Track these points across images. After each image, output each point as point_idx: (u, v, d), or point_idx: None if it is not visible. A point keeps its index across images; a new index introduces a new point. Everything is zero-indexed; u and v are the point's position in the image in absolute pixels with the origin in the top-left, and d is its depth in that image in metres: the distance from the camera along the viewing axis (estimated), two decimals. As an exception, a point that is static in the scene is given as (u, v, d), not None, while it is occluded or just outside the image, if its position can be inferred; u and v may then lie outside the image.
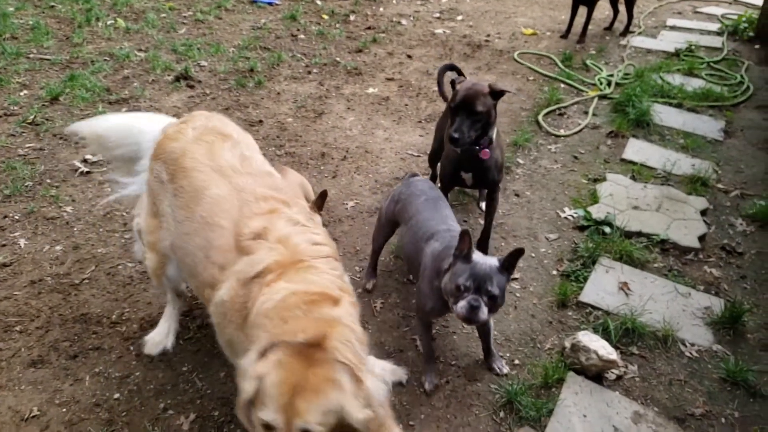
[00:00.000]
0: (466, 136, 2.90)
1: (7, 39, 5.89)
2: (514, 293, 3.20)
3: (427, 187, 2.93)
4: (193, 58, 5.80)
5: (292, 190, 2.46)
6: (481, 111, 2.89)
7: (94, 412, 2.40)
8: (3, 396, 2.45)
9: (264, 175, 2.13)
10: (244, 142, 2.28)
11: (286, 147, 4.46)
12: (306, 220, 1.99)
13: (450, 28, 7.21)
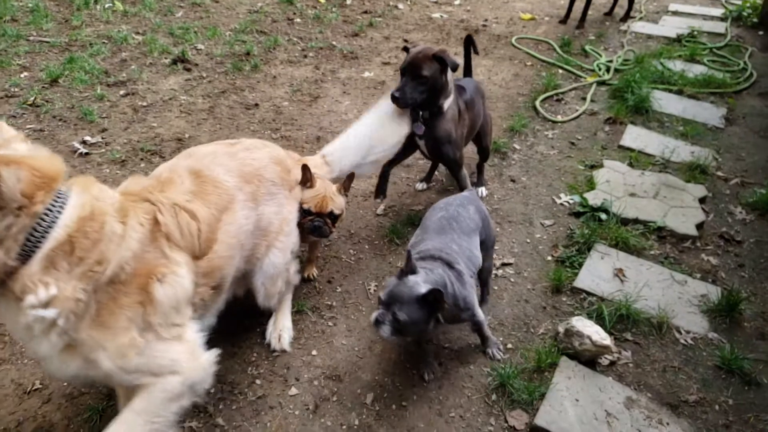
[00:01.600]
0: (407, 96, 2.96)
1: (7, 21, 5.86)
2: (508, 278, 3.21)
3: (456, 203, 2.73)
4: (190, 41, 5.76)
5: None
6: (426, 75, 2.94)
7: (94, 387, 2.42)
8: (6, 369, 2.47)
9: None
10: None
11: (282, 130, 4.45)
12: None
13: (447, 13, 7.16)
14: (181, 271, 1.87)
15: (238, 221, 2.20)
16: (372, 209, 3.66)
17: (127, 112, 4.50)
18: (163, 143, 4.12)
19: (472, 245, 2.61)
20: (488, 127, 3.73)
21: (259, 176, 2.38)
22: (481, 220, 2.73)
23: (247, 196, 2.28)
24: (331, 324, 2.84)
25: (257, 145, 2.54)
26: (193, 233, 1.93)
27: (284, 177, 2.56)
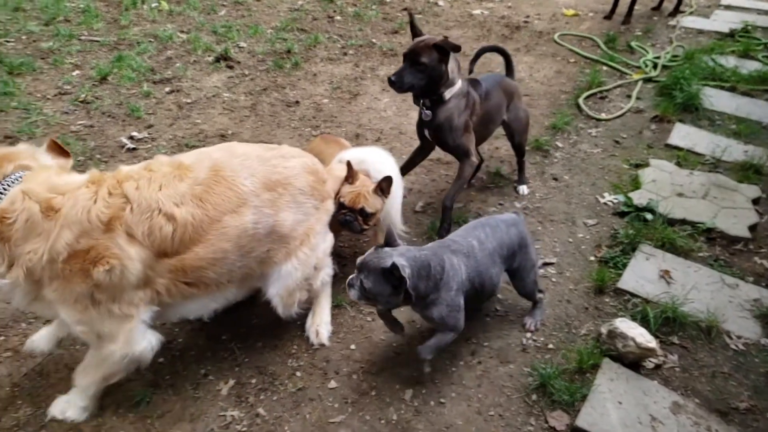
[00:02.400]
0: (404, 81, 3.05)
1: (60, 22, 6.08)
2: (550, 278, 3.16)
3: (500, 219, 2.73)
4: (232, 39, 5.87)
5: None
6: (425, 62, 3.00)
7: (140, 374, 2.48)
8: (59, 355, 2.57)
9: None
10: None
11: (322, 127, 4.48)
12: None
13: (488, 9, 7.09)
14: (132, 264, 2.00)
15: (243, 225, 2.19)
16: (411, 206, 3.66)
17: (173, 108, 4.61)
18: (207, 139, 4.20)
19: (496, 261, 2.58)
20: (520, 124, 3.65)
21: (286, 184, 2.36)
22: (519, 246, 2.66)
23: (265, 202, 2.26)
24: (369, 319, 2.85)
25: (294, 153, 2.51)
26: (164, 235, 2.03)
27: (317, 187, 2.51)
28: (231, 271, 2.27)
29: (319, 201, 2.53)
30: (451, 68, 3.10)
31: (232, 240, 2.19)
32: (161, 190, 2.05)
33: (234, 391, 2.46)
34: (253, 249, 2.30)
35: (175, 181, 2.11)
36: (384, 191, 2.83)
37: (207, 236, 2.13)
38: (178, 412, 2.36)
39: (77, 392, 2.31)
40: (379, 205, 2.84)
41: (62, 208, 1.95)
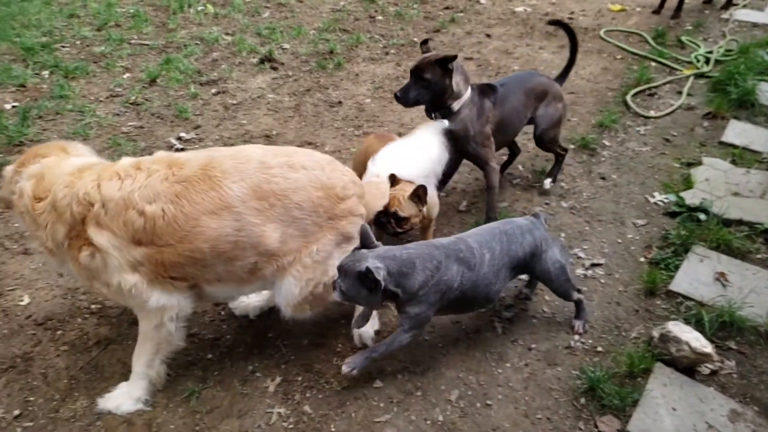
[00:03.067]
0: (409, 96, 3.15)
1: (112, 27, 6.29)
2: (598, 279, 3.09)
3: (517, 223, 2.65)
4: (276, 41, 5.95)
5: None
6: (427, 78, 3.09)
7: (190, 370, 2.56)
8: (114, 349, 2.66)
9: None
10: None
11: (364, 127, 4.50)
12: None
13: (531, 6, 6.97)
14: (108, 252, 2.14)
15: (221, 228, 2.14)
16: (454, 205, 3.63)
17: (219, 109, 4.71)
18: (253, 140, 4.27)
19: (503, 274, 2.53)
20: (545, 120, 3.55)
21: (281, 196, 2.21)
22: (532, 254, 2.58)
23: (251, 210, 2.17)
24: (414, 319, 2.84)
25: (308, 165, 2.30)
26: (137, 227, 2.11)
27: (323, 204, 2.29)
28: (217, 273, 2.25)
29: (325, 219, 2.31)
30: (456, 81, 3.16)
31: (210, 242, 2.14)
32: (139, 189, 2.12)
33: (281, 389, 2.49)
34: (237, 257, 2.22)
35: (156, 178, 2.15)
36: (420, 199, 2.81)
37: (183, 232, 2.12)
38: (226, 408, 2.41)
39: (131, 382, 2.41)
40: (414, 211, 2.83)
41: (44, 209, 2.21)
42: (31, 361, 2.60)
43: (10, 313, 2.83)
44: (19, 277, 3.06)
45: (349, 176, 2.43)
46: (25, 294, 2.94)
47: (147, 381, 2.41)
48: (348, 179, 2.41)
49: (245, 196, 2.16)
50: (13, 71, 5.18)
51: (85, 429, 2.32)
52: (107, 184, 2.14)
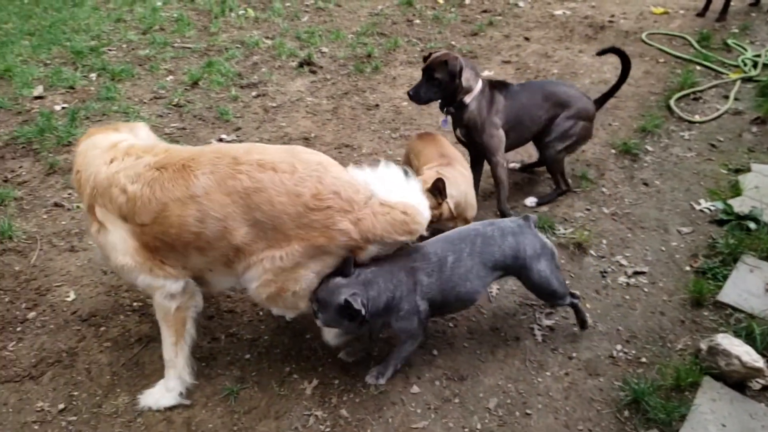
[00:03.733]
0: (421, 95, 3.31)
1: (156, 30, 6.45)
2: (641, 288, 3.01)
3: (498, 225, 2.56)
4: (315, 44, 6.00)
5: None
6: (438, 77, 3.24)
7: (228, 369, 2.59)
8: (154, 347, 2.68)
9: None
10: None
11: (401, 130, 4.49)
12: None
13: (570, 9, 6.86)
14: (110, 230, 2.28)
15: (184, 217, 2.15)
16: (492, 209, 3.59)
17: (259, 112, 4.77)
18: (291, 142, 4.31)
19: (476, 273, 2.44)
20: (559, 134, 3.49)
21: (244, 195, 2.13)
22: (513, 258, 2.47)
23: (215, 204, 2.13)
24: (451, 325, 2.82)
25: (281, 168, 2.16)
26: (121, 204, 2.22)
27: (289, 212, 2.13)
28: (198, 262, 2.29)
29: (292, 227, 2.15)
30: (465, 77, 3.27)
31: (176, 227, 2.17)
32: (124, 170, 2.25)
33: (318, 391, 2.50)
34: (204, 248, 2.22)
35: (139, 163, 2.25)
36: (441, 192, 2.79)
37: (154, 214, 2.19)
38: (263, 409, 2.43)
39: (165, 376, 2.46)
40: (432, 203, 2.75)
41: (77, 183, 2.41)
42: (76, 356, 2.67)
43: (57, 309, 2.91)
44: (66, 273, 3.14)
45: (336, 188, 2.18)
46: (71, 290, 3.02)
47: (174, 370, 2.44)
48: (328, 190, 2.16)
49: (210, 189, 2.14)
50: (63, 74, 5.36)
51: (126, 425, 2.37)
52: (106, 165, 2.30)
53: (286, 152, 2.26)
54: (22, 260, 3.23)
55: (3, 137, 4.43)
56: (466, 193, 2.97)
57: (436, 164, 3.05)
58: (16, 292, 3.00)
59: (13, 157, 4.21)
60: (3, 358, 2.64)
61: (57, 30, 6.62)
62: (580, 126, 3.51)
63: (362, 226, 2.20)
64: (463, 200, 2.95)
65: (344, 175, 2.27)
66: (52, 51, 6.02)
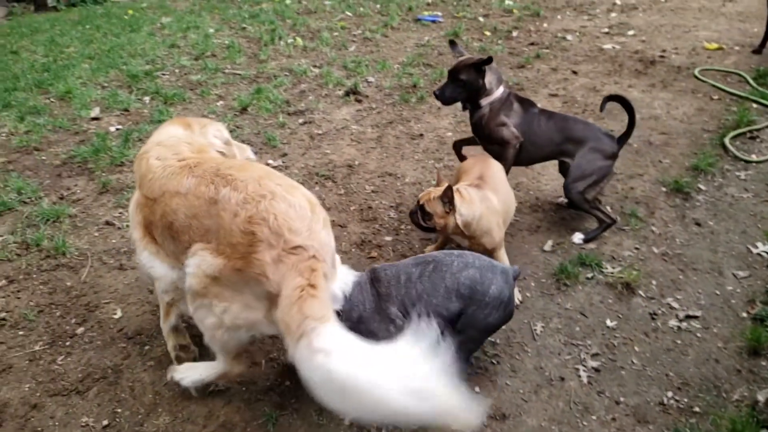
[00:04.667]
0: (445, 94, 3.55)
1: (208, 57, 6.69)
2: (694, 333, 2.89)
3: (460, 259, 2.49)
4: (361, 74, 6.10)
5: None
6: (463, 79, 3.47)
7: (268, 395, 2.59)
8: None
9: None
10: None
11: (445, 160, 4.49)
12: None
13: (620, 44, 6.80)
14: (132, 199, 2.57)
15: (168, 207, 2.31)
16: (538, 244, 3.53)
17: (305, 138, 4.85)
18: (336, 169, 4.36)
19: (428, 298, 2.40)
20: (578, 172, 3.44)
21: (207, 201, 2.20)
22: (469, 289, 2.39)
23: (189, 202, 2.24)
24: (494, 362, 2.76)
25: (239, 186, 2.16)
26: (142, 172, 2.47)
27: (226, 227, 2.12)
28: (167, 247, 2.43)
29: (227, 245, 2.12)
30: (488, 81, 3.49)
31: (163, 214, 2.35)
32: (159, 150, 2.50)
33: (356, 423, 2.46)
34: (174, 238, 2.34)
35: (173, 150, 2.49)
36: (449, 201, 2.84)
37: (158, 193, 2.36)
38: (302, 437, 2.41)
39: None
40: (439, 210, 2.88)
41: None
42: (121, 373, 2.71)
43: (104, 325, 2.98)
44: (114, 291, 3.22)
45: (270, 216, 2.08)
46: (118, 308, 3.09)
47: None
48: (260, 216, 2.07)
49: (190, 190, 2.25)
50: (119, 96, 5.58)
51: (166, 445, 2.38)
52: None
53: (258, 176, 2.24)
54: (73, 276, 3.33)
55: (61, 156, 4.62)
56: (480, 217, 2.93)
57: (467, 183, 3.08)
58: (67, 307, 3.09)
59: (69, 175, 4.37)
60: (52, 372, 2.70)
61: (115, 54, 6.93)
62: (598, 165, 3.44)
63: (281, 268, 2.05)
64: (474, 223, 2.93)
65: (291, 211, 2.12)
66: (110, 74, 6.29)
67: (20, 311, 3.06)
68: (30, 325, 2.98)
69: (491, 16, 8.10)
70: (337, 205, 3.95)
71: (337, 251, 3.43)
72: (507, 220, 3.19)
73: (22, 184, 4.17)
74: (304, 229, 2.10)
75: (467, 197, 2.93)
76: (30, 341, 2.89)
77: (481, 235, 2.97)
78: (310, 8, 8.76)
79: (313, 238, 2.12)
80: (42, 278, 3.30)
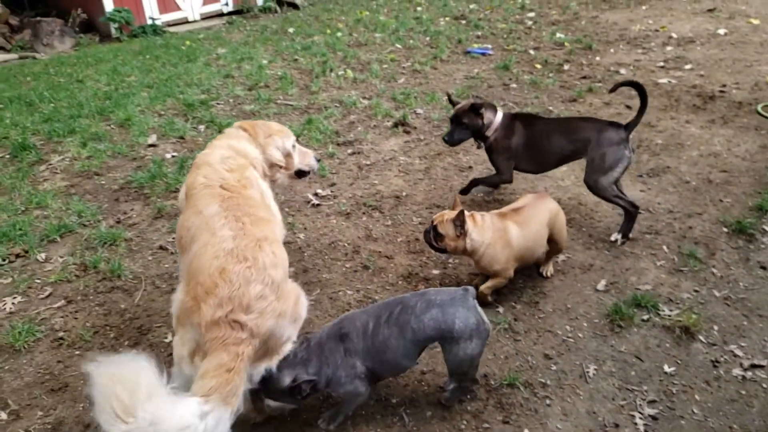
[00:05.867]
0: (454, 138, 4.14)
1: (261, 87, 6.90)
2: (760, 383, 2.71)
3: (424, 299, 2.47)
4: (410, 105, 6.15)
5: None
6: (466, 122, 4.03)
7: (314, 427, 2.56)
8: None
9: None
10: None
11: (494, 193, 4.44)
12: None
13: (676, 78, 6.64)
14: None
15: (187, 220, 2.52)
16: (591, 283, 3.42)
17: (353, 169, 4.90)
18: (383, 200, 4.37)
19: (395, 342, 2.38)
20: (592, 165, 3.76)
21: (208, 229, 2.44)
22: (435, 330, 2.37)
23: (199, 222, 2.44)
24: (545, 404, 2.66)
25: (224, 236, 2.30)
26: (191, 180, 2.71)
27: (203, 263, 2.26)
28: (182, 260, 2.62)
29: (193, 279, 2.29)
30: (487, 117, 4.00)
31: (183, 227, 2.56)
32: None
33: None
34: (181, 253, 2.60)
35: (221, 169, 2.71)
36: (461, 224, 3.00)
37: (190, 200, 2.61)
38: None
39: None
40: (451, 232, 3.03)
41: None
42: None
43: (155, 349, 3.03)
44: (166, 315, 3.27)
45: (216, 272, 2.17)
46: (169, 332, 3.14)
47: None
48: (211, 270, 2.17)
49: (209, 215, 2.40)
50: (175, 124, 5.80)
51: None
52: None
53: (261, 237, 2.36)
54: (127, 299, 3.42)
55: (119, 181, 4.81)
56: (489, 244, 3.05)
57: (497, 212, 3.24)
58: (121, 329, 3.17)
59: (126, 200, 4.54)
60: (103, 393, 2.76)
61: (172, 83, 7.23)
62: (610, 155, 3.67)
63: (214, 332, 2.08)
64: (481, 249, 3.05)
65: (258, 288, 2.17)
66: (167, 103, 6.56)
67: (77, 331, 3.15)
68: (86, 346, 3.06)
69: (542, 48, 8.08)
70: (384, 236, 3.95)
71: (384, 283, 3.45)
72: (526, 258, 3.23)
73: (82, 207, 4.35)
74: (256, 310, 2.14)
75: (479, 223, 3.08)
76: (85, 361, 2.96)
77: (488, 262, 3.10)
78: (361, 41, 8.96)
79: (259, 323, 2.13)
80: (98, 300, 3.41)
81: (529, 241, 3.16)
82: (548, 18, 9.82)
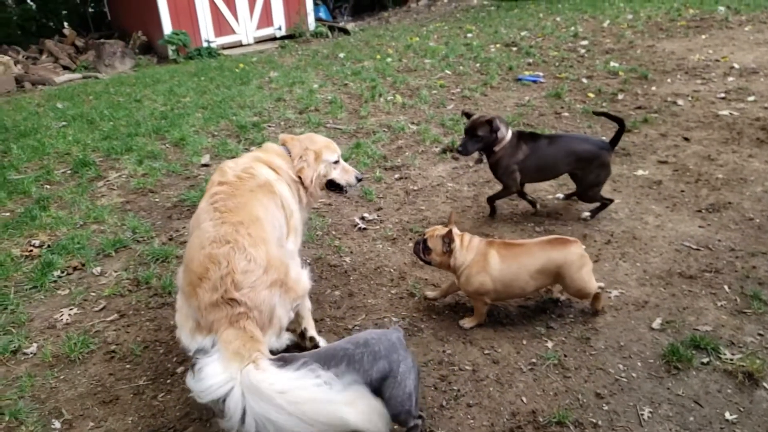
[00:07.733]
0: (467, 149, 4.24)
1: (311, 111, 7.04)
2: (834, 439, 2.52)
3: (368, 340, 2.41)
4: (458, 132, 6.14)
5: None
6: (480, 135, 4.18)
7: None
8: None
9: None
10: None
11: (545, 224, 4.36)
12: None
13: (738, 110, 6.41)
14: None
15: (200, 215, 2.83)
16: (646, 321, 3.28)
17: (400, 194, 4.91)
18: (429, 225, 4.34)
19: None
20: (584, 183, 4.28)
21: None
22: (381, 380, 2.31)
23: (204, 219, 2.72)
24: (596, 444, 2.54)
25: (209, 220, 2.61)
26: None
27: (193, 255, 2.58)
28: None
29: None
30: (501, 132, 4.18)
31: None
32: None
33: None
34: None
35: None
36: (449, 242, 3.14)
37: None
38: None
39: None
40: (439, 248, 3.16)
41: None
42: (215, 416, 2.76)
43: (201, 366, 3.07)
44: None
45: (218, 262, 2.43)
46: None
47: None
48: (201, 257, 2.46)
49: (203, 208, 2.73)
50: (227, 145, 5.96)
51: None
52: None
53: (239, 221, 2.57)
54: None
55: (172, 199, 4.96)
56: (468, 266, 3.14)
57: (489, 240, 3.31)
58: (170, 345, 3.22)
59: (179, 217, 4.67)
60: (153, 407, 2.81)
61: (226, 105, 7.46)
62: (603, 173, 4.24)
63: (215, 313, 2.36)
64: (461, 268, 3.17)
65: (243, 264, 2.41)
66: (220, 124, 6.76)
67: (128, 345, 3.23)
68: (136, 360, 3.13)
69: (595, 77, 7.97)
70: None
71: (431, 311, 3.40)
72: (500, 292, 3.19)
73: (137, 223, 4.50)
74: (246, 285, 2.38)
75: (466, 245, 3.19)
76: (135, 375, 3.03)
77: (464, 281, 3.20)
78: (411, 66, 9.05)
79: (252, 296, 2.38)
80: (149, 315, 3.49)
81: (505, 277, 3.14)
82: (602, 46, 9.70)
